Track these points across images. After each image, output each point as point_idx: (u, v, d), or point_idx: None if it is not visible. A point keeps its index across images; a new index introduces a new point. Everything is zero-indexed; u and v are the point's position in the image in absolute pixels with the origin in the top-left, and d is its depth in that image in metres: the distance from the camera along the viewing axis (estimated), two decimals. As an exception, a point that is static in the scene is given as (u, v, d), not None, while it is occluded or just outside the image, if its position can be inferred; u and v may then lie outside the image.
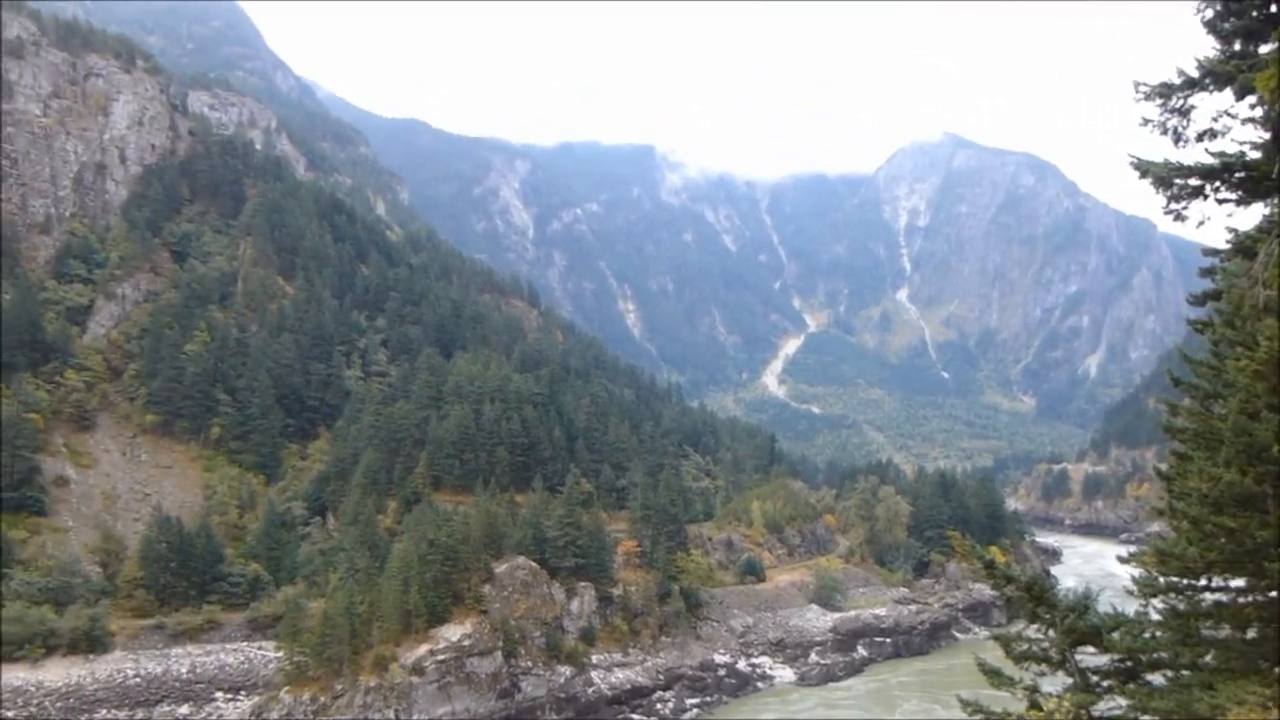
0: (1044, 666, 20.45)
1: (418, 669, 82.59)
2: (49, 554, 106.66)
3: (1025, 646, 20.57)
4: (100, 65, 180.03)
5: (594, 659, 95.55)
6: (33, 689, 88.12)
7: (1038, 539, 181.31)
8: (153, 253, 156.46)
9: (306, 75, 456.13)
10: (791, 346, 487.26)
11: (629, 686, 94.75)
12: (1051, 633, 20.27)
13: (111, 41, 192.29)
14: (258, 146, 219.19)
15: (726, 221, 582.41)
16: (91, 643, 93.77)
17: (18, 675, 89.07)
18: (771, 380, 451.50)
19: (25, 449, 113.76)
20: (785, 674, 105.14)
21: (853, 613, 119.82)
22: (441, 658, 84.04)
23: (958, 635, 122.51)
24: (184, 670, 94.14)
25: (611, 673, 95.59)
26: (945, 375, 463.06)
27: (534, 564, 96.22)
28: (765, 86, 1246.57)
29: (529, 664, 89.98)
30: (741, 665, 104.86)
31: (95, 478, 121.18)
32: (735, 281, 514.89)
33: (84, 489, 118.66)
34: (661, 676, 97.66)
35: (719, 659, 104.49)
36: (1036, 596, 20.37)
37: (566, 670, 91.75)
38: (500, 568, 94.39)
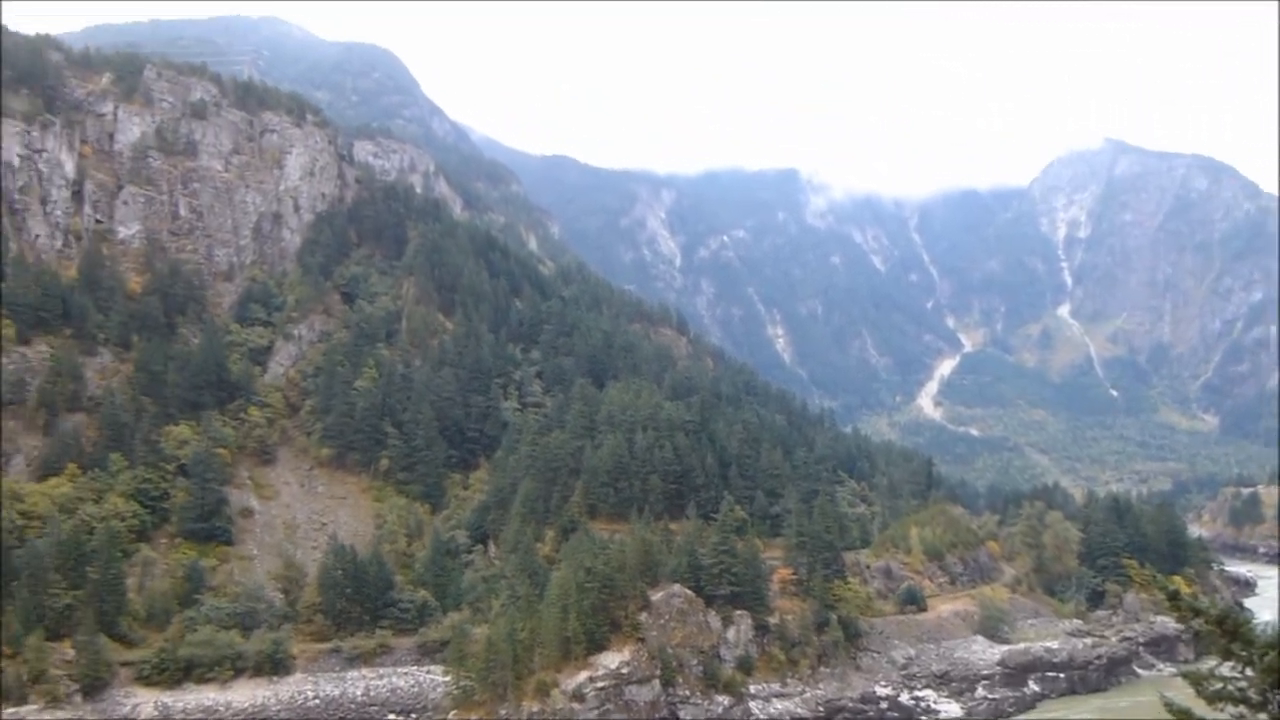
0: (1242, 708, 19.23)
1: (578, 696, 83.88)
2: (236, 580, 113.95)
3: (1219, 686, 19.39)
4: (274, 122, 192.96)
5: (752, 689, 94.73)
6: (222, 709, 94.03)
7: (1227, 568, 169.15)
8: (325, 295, 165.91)
9: (461, 119, 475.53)
10: (947, 367, 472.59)
11: (788, 718, 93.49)
12: (1249, 671, 19.07)
13: (284, 99, 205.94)
14: (418, 190, 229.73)
15: (874, 242, 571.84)
16: (275, 665, 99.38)
17: (208, 696, 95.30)
18: (927, 402, 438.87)
19: (214, 482, 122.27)
20: (951, 709, 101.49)
21: (1022, 645, 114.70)
22: (601, 685, 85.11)
23: (1139, 671, 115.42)
24: (359, 693, 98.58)
25: (770, 703, 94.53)
26: (1114, 394, 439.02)
27: (689, 592, 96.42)
28: (908, 103, 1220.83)
29: (686, 693, 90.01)
30: (904, 699, 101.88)
31: (277, 508, 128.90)
32: (885, 302, 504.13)
33: (267, 519, 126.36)
34: (821, 708, 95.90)
35: (880, 691, 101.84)
36: (1230, 631, 19.22)
37: (724, 700, 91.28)
38: (656, 595, 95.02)
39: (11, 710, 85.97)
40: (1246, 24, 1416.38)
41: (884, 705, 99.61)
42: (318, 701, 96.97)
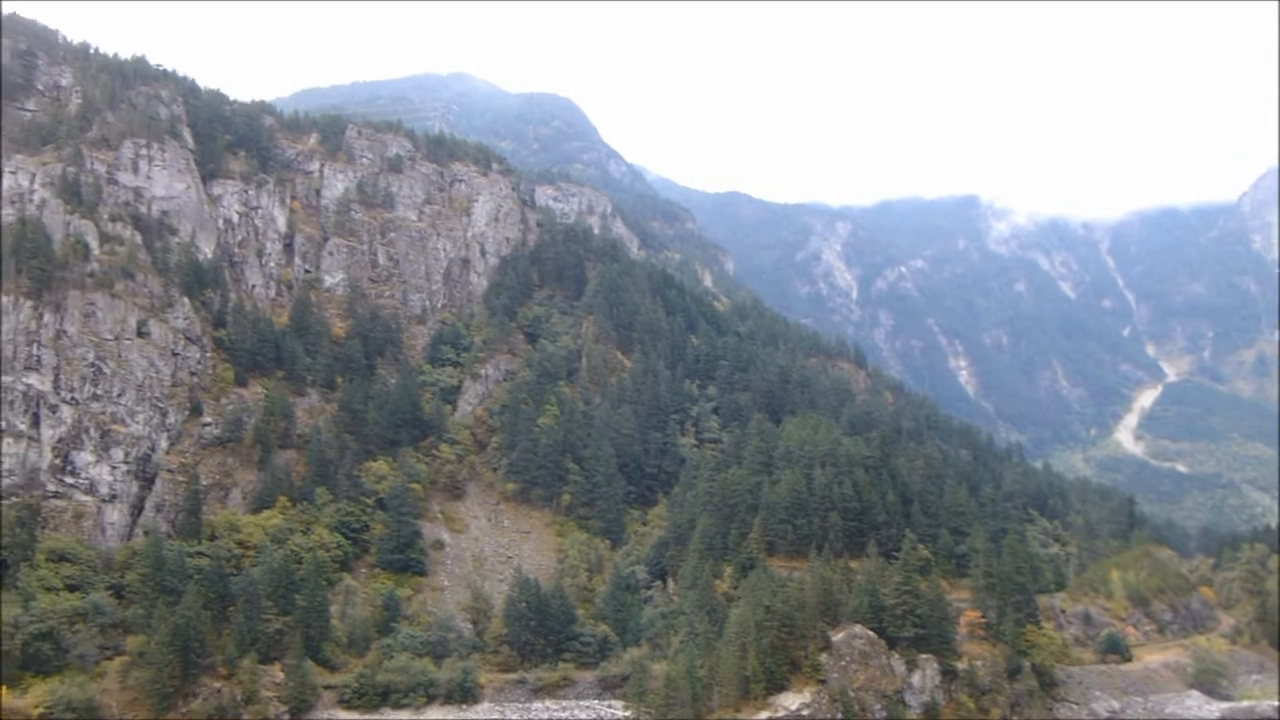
0: None
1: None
2: (429, 610, 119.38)
3: None
4: (463, 172, 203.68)
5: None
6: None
7: None
8: (509, 335, 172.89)
9: (636, 161, 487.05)
10: (1147, 398, 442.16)
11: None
12: None
13: (471, 150, 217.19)
14: (596, 231, 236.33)
15: (1063, 267, 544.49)
16: (464, 694, 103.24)
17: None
18: (1126, 436, 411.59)
19: (409, 515, 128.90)
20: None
21: (1246, 703, 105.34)
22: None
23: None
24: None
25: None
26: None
27: (871, 633, 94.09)
28: (1093, 121, 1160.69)
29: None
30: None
31: (466, 541, 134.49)
32: (1077, 330, 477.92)
33: (457, 551, 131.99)
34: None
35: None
36: None
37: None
38: (837, 636, 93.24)
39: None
40: None
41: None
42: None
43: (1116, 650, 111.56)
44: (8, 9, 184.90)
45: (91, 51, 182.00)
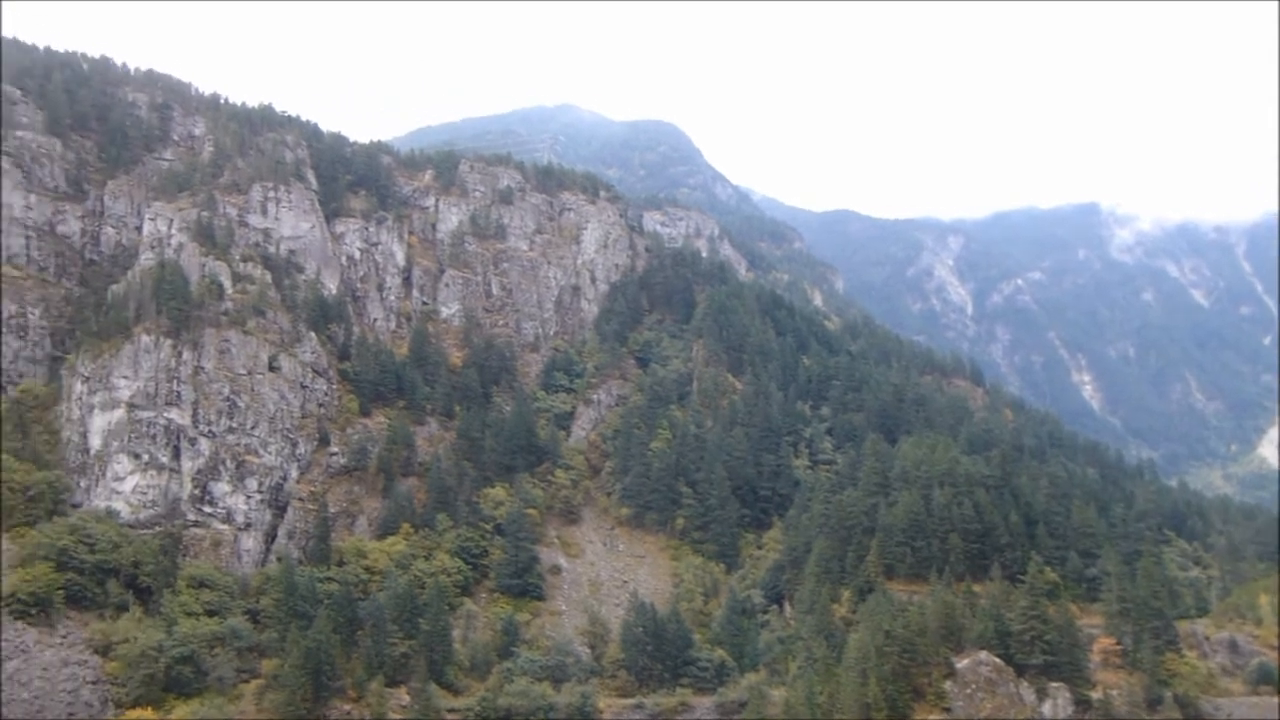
0: None
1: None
2: (547, 634, 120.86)
3: None
4: (571, 200, 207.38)
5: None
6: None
7: None
8: (621, 361, 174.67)
9: (742, 183, 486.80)
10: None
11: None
12: None
13: (579, 178, 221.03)
14: (703, 254, 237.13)
15: (1194, 274, 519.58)
16: (583, 718, 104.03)
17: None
18: (1270, 451, 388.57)
19: (527, 541, 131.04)
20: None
21: None
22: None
23: None
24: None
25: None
26: None
27: (998, 660, 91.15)
28: (1219, 121, 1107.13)
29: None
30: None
31: (582, 566, 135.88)
32: (1211, 340, 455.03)
33: (573, 576, 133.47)
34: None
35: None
36: None
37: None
38: (961, 663, 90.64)
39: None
40: None
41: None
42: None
43: (1269, 681, 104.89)
44: (142, 63, 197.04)
45: (222, 101, 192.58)
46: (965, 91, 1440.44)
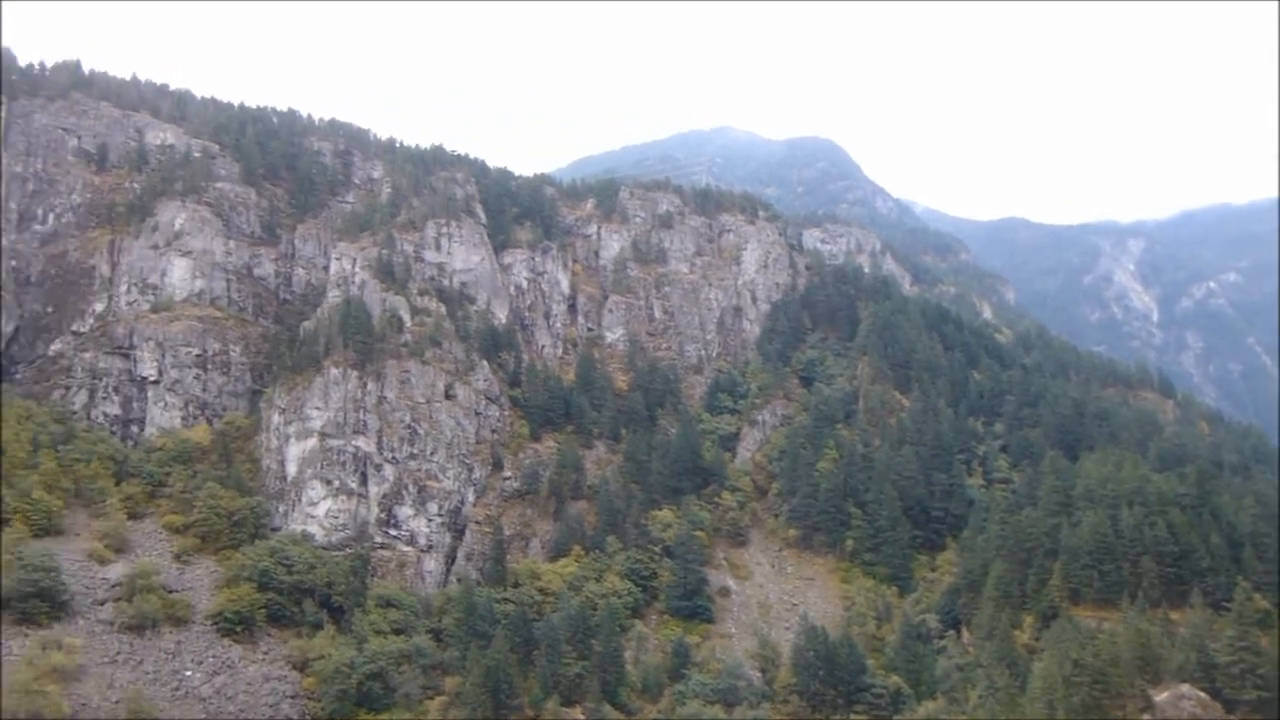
0: None
1: (1075, 801, 77.17)
2: (718, 657, 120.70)
3: None
4: (730, 222, 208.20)
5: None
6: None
7: None
8: (784, 380, 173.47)
9: (903, 196, 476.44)
10: None
11: None
12: None
13: (737, 199, 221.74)
14: (866, 270, 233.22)
15: None
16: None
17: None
18: None
19: (695, 563, 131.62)
20: None
21: None
22: (1101, 792, 77.56)
23: None
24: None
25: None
26: None
27: (1203, 694, 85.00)
28: None
29: (1208, 810, 78.94)
30: None
31: (751, 588, 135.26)
32: None
33: (742, 598, 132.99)
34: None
35: None
36: None
37: (1259, 823, 78.65)
38: (1161, 696, 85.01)
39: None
40: None
41: None
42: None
43: None
44: (325, 113, 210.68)
45: (397, 145, 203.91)
46: (1140, 87, 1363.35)
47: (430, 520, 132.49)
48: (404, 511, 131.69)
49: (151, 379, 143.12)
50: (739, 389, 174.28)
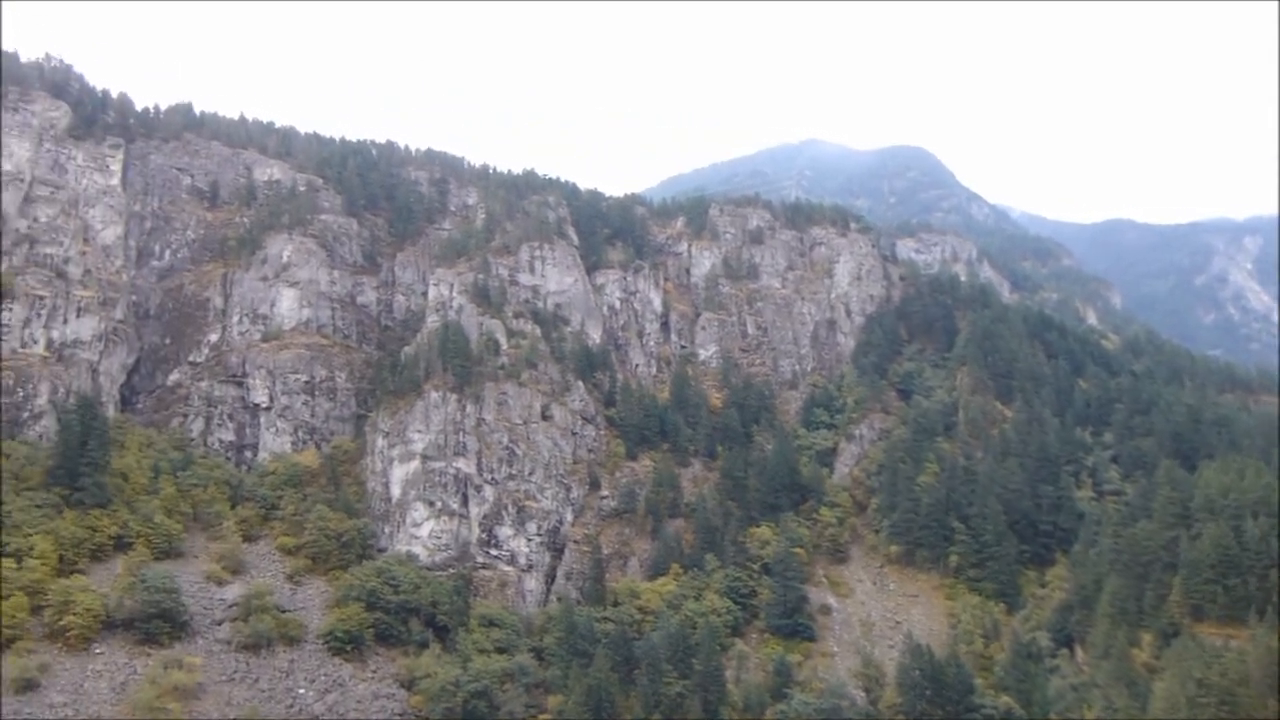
0: None
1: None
2: (820, 676, 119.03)
3: None
4: (821, 235, 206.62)
5: None
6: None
7: None
8: (881, 394, 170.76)
9: (999, 201, 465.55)
10: None
11: None
12: None
13: (828, 212, 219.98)
14: (962, 279, 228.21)
15: None
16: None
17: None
18: None
19: (794, 580, 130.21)
20: None
21: None
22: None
23: None
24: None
25: None
26: None
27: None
28: None
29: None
30: None
31: (852, 606, 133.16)
32: None
33: (844, 616, 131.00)
34: None
35: None
36: None
37: None
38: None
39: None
40: None
41: None
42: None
43: None
44: (421, 144, 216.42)
45: (490, 171, 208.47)
46: (1246, 76, 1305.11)
47: (530, 540, 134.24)
48: (504, 531, 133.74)
49: (263, 405, 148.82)
50: (835, 403, 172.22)
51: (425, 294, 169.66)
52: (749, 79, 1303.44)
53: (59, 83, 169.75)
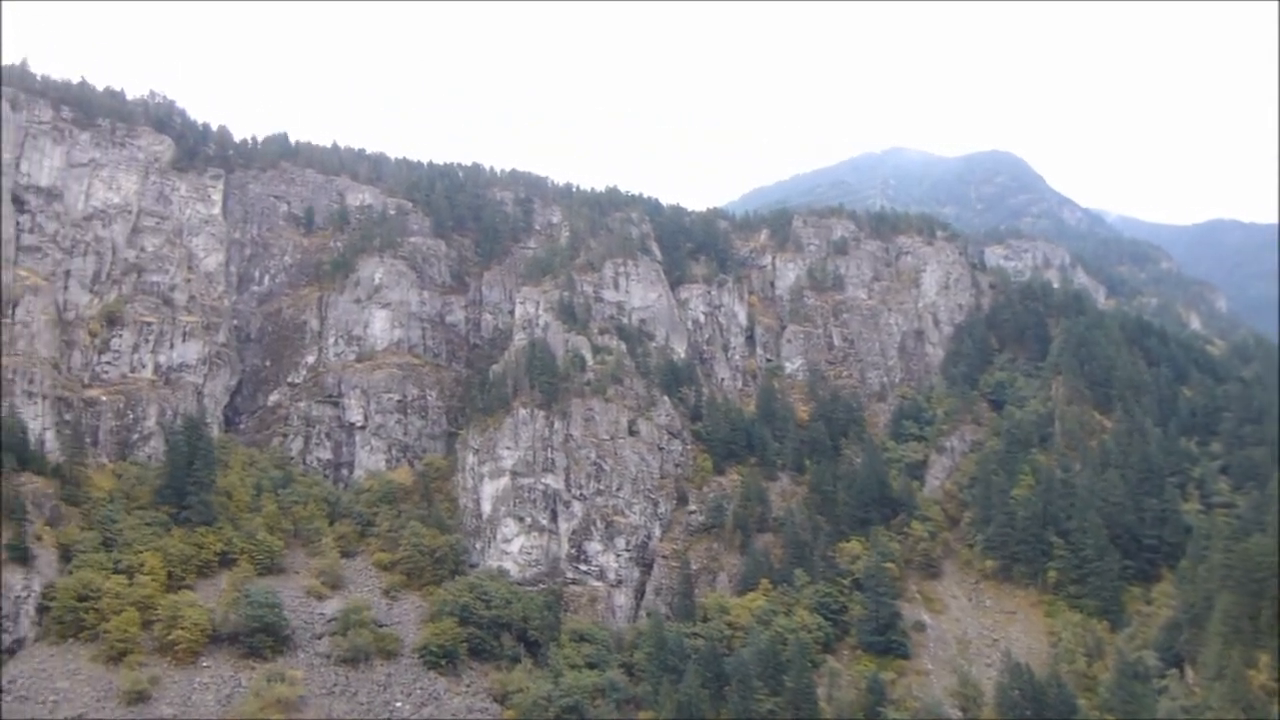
0: None
1: None
2: (914, 695, 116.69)
3: None
4: (907, 244, 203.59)
5: None
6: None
7: None
8: (972, 404, 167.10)
9: (1093, 205, 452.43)
10: None
11: None
12: None
13: (913, 221, 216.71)
14: (1055, 285, 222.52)
15: None
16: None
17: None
18: None
19: (886, 596, 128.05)
20: None
21: None
22: None
23: None
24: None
25: None
26: None
27: None
28: None
29: None
30: None
31: (946, 623, 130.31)
32: None
33: (938, 634, 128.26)
34: None
35: None
36: None
37: None
38: None
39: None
40: None
41: None
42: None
43: None
44: (505, 165, 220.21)
45: (573, 190, 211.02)
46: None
47: (618, 555, 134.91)
48: (593, 547, 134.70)
49: (358, 424, 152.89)
50: (924, 415, 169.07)
51: (512, 312, 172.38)
52: (832, 90, 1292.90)
53: (162, 118, 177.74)
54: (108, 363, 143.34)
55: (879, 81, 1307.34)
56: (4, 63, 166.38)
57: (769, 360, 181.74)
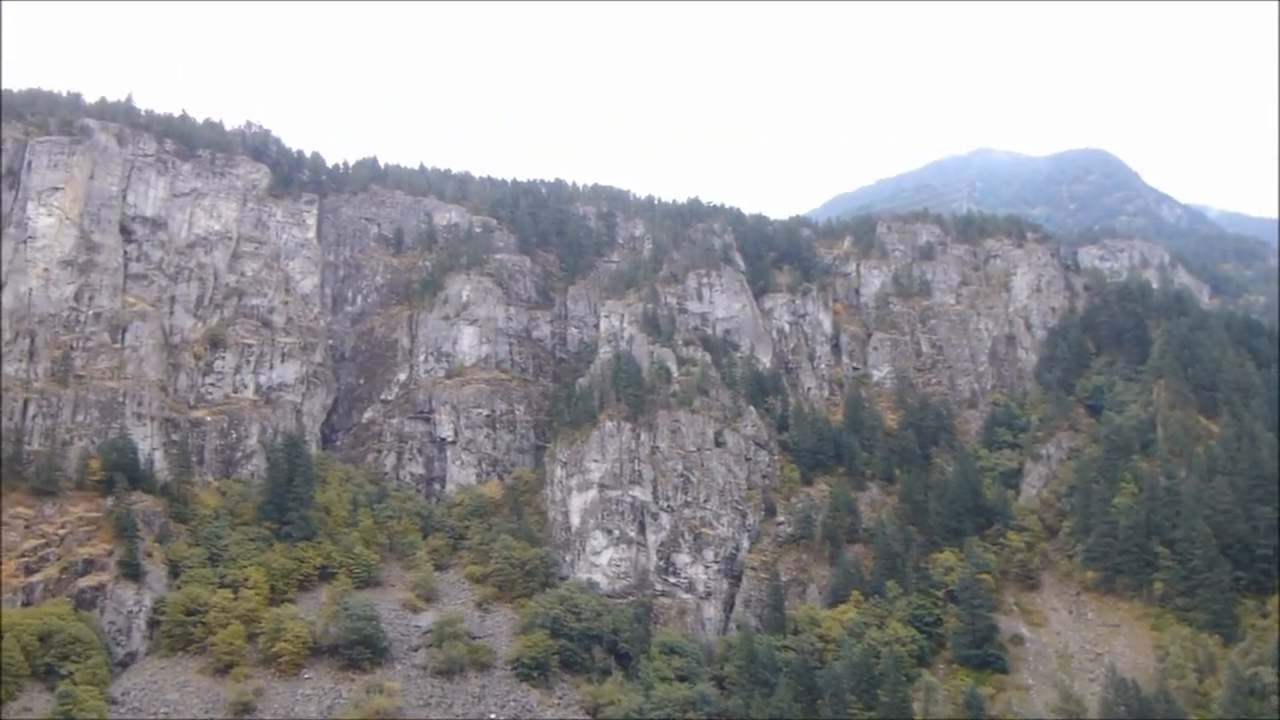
0: None
1: None
2: (1014, 710, 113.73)
3: None
4: (996, 247, 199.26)
5: None
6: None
7: None
8: (1068, 410, 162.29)
9: (1193, 201, 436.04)
10: None
11: None
12: None
13: (1002, 223, 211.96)
14: (1154, 286, 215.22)
15: None
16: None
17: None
18: None
19: (982, 608, 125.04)
20: None
21: None
22: None
23: None
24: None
25: None
26: None
27: None
28: None
29: None
30: None
31: (1047, 636, 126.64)
32: None
33: (1038, 647, 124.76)
34: None
35: None
36: None
37: None
38: None
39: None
40: None
41: None
42: None
43: None
44: (588, 179, 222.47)
45: (655, 202, 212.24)
46: None
47: (707, 567, 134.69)
48: (682, 559, 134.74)
49: (449, 440, 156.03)
50: (1017, 422, 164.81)
51: (597, 326, 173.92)
52: (914, 93, 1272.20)
53: (258, 147, 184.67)
54: (211, 384, 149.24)
55: (961, 82, 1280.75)
56: (108, 100, 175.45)
57: (855, 369, 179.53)
